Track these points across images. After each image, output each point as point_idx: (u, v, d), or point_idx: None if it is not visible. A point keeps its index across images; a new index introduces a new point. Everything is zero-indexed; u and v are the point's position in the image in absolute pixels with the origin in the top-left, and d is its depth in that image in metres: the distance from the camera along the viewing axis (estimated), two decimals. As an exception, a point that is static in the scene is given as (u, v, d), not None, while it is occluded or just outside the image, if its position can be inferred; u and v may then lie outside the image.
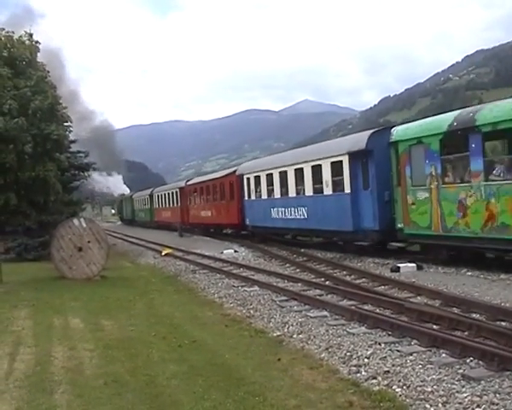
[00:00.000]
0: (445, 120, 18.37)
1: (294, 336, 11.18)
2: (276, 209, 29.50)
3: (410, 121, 21.85)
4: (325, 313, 12.97)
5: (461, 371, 8.20)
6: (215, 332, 11.89)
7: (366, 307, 13.01)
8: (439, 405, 7.02)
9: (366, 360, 9.08)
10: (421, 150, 19.08)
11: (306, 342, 10.57)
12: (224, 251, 28.67)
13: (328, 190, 24.62)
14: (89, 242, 21.97)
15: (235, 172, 36.77)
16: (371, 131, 23.27)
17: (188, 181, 51.56)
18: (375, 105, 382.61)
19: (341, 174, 23.47)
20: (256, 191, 32.43)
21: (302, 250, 25.88)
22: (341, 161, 23.46)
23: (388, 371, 8.39)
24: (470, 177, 17.14)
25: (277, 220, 29.45)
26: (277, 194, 29.57)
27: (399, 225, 20.27)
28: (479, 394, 7.24)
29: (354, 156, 22.83)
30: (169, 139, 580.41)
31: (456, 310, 12.17)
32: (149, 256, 31.20)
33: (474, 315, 11.57)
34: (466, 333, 10.08)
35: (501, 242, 16.16)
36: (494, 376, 7.84)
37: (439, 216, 18.39)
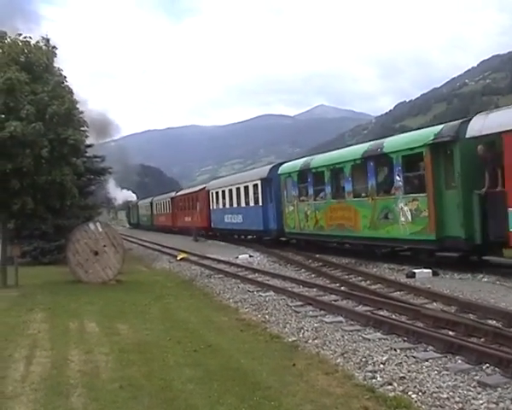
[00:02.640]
0: (299, 163, 29.98)
1: (310, 341, 11.16)
2: (226, 215, 41.04)
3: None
4: (341, 318, 12.95)
5: (477, 377, 8.16)
6: (230, 337, 11.89)
7: (382, 313, 12.98)
8: (455, 412, 7.00)
9: (382, 365, 9.06)
10: (289, 180, 30.34)
11: (322, 348, 10.55)
12: (239, 256, 28.69)
13: (251, 203, 36.03)
14: (104, 246, 22.08)
15: (205, 188, 48.60)
16: (271, 165, 35.22)
17: (177, 192, 62.57)
18: (390, 110, 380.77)
19: (258, 193, 34.87)
20: (217, 203, 44.01)
21: (317, 255, 25.84)
22: (257, 184, 34.98)
23: (404, 377, 8.36)
24: (308, 198, 28.10)
25: (228, 223, 40.86)
26: (227, 205, 41.14)
27: (283, 227, 31.18)
28: (495, 401, 7.21)
29: (263, 182, 34.18)
30: (184, 144, 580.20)
31: (472, 316, 12.09)
32: (164, 261, 31.30)
33: (490, 322, 11.48)
34: (482, 340, 10.01)
35: (321, 236, 27.23)
36: (510, 383, 7.80)
37: (298, 221, 29.27)
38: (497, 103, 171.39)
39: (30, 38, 21.22)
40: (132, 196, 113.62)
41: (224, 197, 41.80)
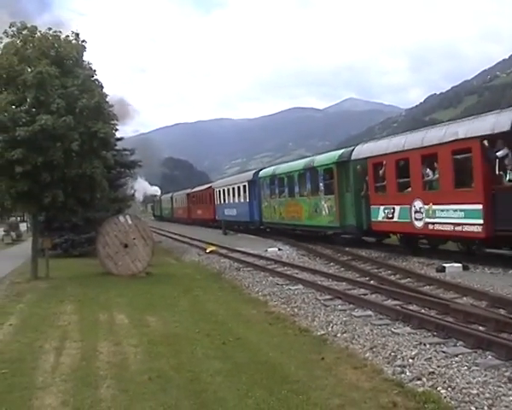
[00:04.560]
0: (270, 170, 39.18)
1: (338, 335, 11.12)
2: (226, 209, 49.60)
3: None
4: (370, 312, 12.88)
5: (507, 373, 8.08)
6: (259, 330, 11.89)
7: (411, 307, 12.89)
8: (485, 408, 6.93)
9: (411, 360, 8.99)
10: (265, 183, 38.84)
11: (350, 342, 10.51)
12: (269, 249, 28.64)
13: (241, 200, 44.88)
14: (134, 238, 22.20)
15: (211, 186, 58.09)
16: (255, 170, 44.17)
17: (191, 189, 70.51)
18: (420, 103, 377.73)
19: (246, 192, 43.62)
20: (219, 199, 52.38)
21: (347, 249, 25.74)
22: (245, 185, 43.77)
23: (433, 373, 8.29)
24: (276, 196, 36.57)
25: (227, 216, 48.53)
26: (226, 201, 49.95)
27: (263, 218, 39.39)
28: (526, 397, 7.12)
29: (249, 183, 42.65)
30: (214, 137, 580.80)
31: (502, 311, 11.95)
32: (193, 253, 31.38)
33: (521, 317, 11.33)
34: (513, 335, 9.89)
35: (283, 224, 35.46)
36: (542, 379, 7.69)
37: (270, 213, 37.46)
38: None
39: (60, 32, 21.35)
40: (157, 191, 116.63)
41: (224, 195, 50.79)
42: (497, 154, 17.64)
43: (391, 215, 22.92)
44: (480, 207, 18.04)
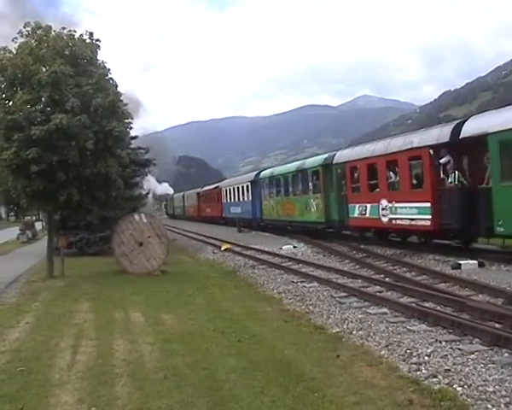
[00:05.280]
0: (268, 172, 43.03)
1: (354, 332, 11.12)
2: (232, 207, 53.73)
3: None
4: (385, 309, 12.87)
5: (524, 371, 8.00)
6: (274, 328, 11.90)
7: (427, 305, 12.86)
8: (502, 405, 6.90)
9: (426, 358, 8.97)
10: (265, 183, 42.56)
11: (366, 339, 10.50)
12: (283, 247, 28.66)
13: (245, 198, 48.65)
14: (149, 237, 22.24)
15: (218, 186, 61.64)
16: (256, 172, 49.13)
17: (201, 188, 74.60)
18: (435, 100, 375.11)
19: (249, 191, 47.31)
20: (226, 197, 56.39)
21: (362, 246, 25.69)
22: (248, 185, 47.67)
23: (449, 370, 8.27)
24: (274, 195, 40.07)
25: (233, 213, 52.81)
26: (232, 199, 53.77)
27: (263, 216, 42.76)
28: (543, 395, 7.08)
29: (252, 183, 46.62)
30: (228, 135, 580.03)
31: (519, 309, 11.87)
32: (208, 251, 31.43)
33: (538, 314, 11.26)
34: (530, 332, 9.84)
35: (280, 221, 38.81)
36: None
37: (269, 211, 40.92)
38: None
39: (74, 31, 21.41)
40: (167, 189, 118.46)
41: (230, 194, 54.75)
42: (441, 161, 20.85)
43: (364, 212, 26.35)
44: (428, 204, 21.37)
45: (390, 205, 23.87)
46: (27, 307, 15.30)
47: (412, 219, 22.40)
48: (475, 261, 18.38)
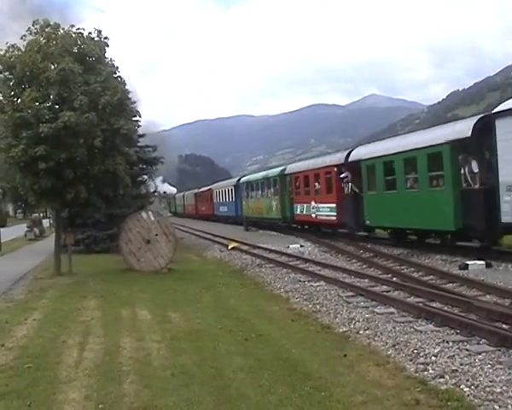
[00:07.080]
0: (247, 178, 52.24)
1: (361, 332, 11.12)
2: (221, 207, 62.81)
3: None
4: (392, 309, 12.85)
5: (532, 372, 7.98)
6: (281, 327, 11.91)
7: (434, 305, 12.85)
8: (509, 406, 6.89)
9: (434, 358, 8.96)
10: (244, 187, 50.74)
11: (373, 339, 10.49)
12: (290, 246, 28.65)
13: (230, 199, 57.41)
14: (156, 235, 22.27)
15: (210, 188, 70.23)
16: (238, 177, 58.86)
17: (198, 189, 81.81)
18: (442, 99, 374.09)
19: (233, 193, 56.04)
20: (216, 198, 65.29)
21: (369, 246, 25.67)
22: (232, 188, 56.37)
23: (456, 371, 8.25)
24: (249, 197, 48.47)
25: (221, 212, 62.07)
26: (220, 200, 62.93)
27: (243, 213, 50.05)
28: (550, 396, 7.09)
29: (235, 187, 55.00)
30: (235, 134, 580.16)
31: (527, 309, 11.84)
32: (215, 250, 31.46)
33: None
34: (537, 333, 9.83)
35: (254, 217, 46.63)
36: None
37: (247, 210, 48.72)
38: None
39: (83, 29, 21.45)
40: (172, 189, 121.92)
41: (219, 195, 63.68)
42: (341, 175, 29.00)
43: (302, 210, 35.49)
44: (334, 205, 30.14)
45: (316, 205, 32.88)
46: (35, 304, 15.34)
47: (327, 216, 31.32)
48: (483, 262, 18.32)
